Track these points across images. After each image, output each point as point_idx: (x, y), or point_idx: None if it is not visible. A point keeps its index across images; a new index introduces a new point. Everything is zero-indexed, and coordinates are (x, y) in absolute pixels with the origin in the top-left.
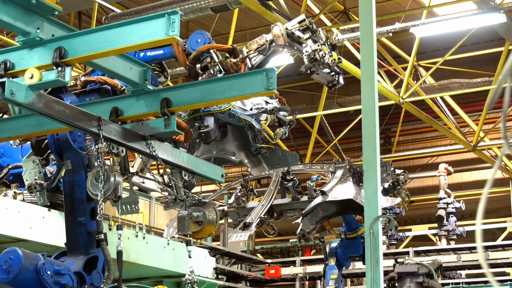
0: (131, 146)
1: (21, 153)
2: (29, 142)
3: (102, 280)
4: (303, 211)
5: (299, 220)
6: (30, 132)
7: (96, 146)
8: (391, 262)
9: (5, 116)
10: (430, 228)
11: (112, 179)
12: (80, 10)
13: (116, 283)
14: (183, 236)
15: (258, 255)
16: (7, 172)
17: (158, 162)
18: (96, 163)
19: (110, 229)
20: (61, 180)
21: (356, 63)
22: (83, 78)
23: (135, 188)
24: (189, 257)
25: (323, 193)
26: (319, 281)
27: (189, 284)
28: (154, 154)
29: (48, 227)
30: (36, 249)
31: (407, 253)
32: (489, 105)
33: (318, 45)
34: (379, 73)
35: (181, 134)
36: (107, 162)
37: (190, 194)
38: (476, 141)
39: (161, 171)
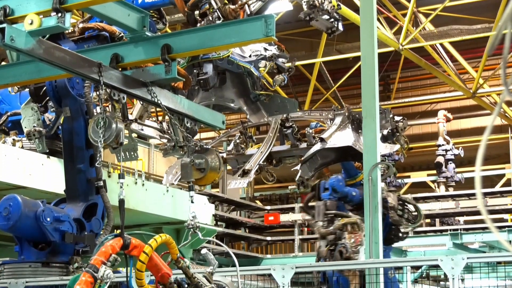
0: (132, 92)
1: (19, 100)
2: (27, 89)
3: (102, 227)
4: (302, 158)
5: (298, 167)
6: (29, 79)
7: (97, 93)
8: None
9: (3, 63)
10: (428, 175)
11: (114, 125)
12: None
13: (116, 230)
14: (184, 183)
15: (257, 201)
16: (5, 119)
17: (160, 109)
18: (95, 110)
19: (109, 176)
20: (60, 127)
21: (356, 9)
22: (81, 25)
23: (134, 135)
24: (191, 202)
25: (322, 140)
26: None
27: (191, 229)
28: (156, 100)
29: (47, 174)
30: (36, 196)
31: None
32: (489, 52)
33: None
34: (378, 19)
35: (181, 80)
36: (107, 109)
37: (191, 141)
38: (476, 88)
39: (160, 118)
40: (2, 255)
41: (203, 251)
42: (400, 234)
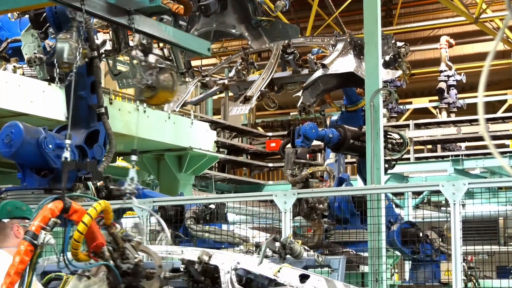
0: (113, 20)
1: (19, 26)
2: (27, 15)
3: (104, 153)
4: (304, 84)
5: (299, 93)
6: (28, 5)
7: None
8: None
9: None
10: (430, 101)
11: (58, 45)
12: None
13: (118, 158)
14: (186, 110)
15: (259, 128)
16: (6, 46)
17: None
18: (95, 37)
19: (110, 103)
20: None
21: None
22: None
23: (135, 61)
24: (133, 167)
25: (324, 66)
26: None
27: (128, 195)
28: (133, 28)
29: (48, 101)
30: (37, 123)
31: (408, 125)
32: None
33: None
34: None
35: (166, 8)
36: (107, 36)
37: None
38: (478, 13)
39: (161, 44)
40: (5, 182)
41: (135, 220)
42: (386, 165)
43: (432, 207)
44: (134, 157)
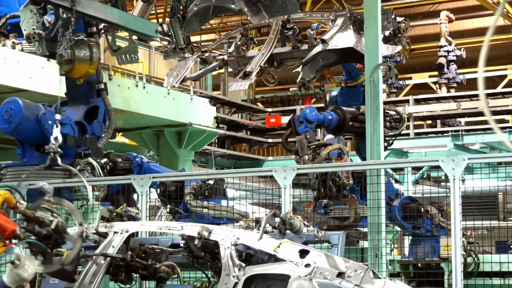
0: (54, 2)
1: (18, 2)
2: None
3: (103, 129)
4: (304, 60)
5: (299, 69)
6: None
7: None
8: None
9: None
10: (430, 76)
11: None
12: None
13: (118, 134)
14: (185, 86)
15: (259, 104)
16: (4, 21)
17: (160, 11)
18: None
19: (110, 79)
20: (59, 29)
21: None
22: None
23: (134, 37)
24: (56, 126)
25: (324, 41)
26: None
27: (52, 153)
28: (74, 10)
29: (48, 77)
30: (37, 99)
31: (407, 101)
32: None
33: None
34: None
35: None
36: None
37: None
38: None
39: (160, 20)
40: (5, 158)
41: (39, 184)
42: (385, 144)
43: (431, 182)
44: (58, 116)
